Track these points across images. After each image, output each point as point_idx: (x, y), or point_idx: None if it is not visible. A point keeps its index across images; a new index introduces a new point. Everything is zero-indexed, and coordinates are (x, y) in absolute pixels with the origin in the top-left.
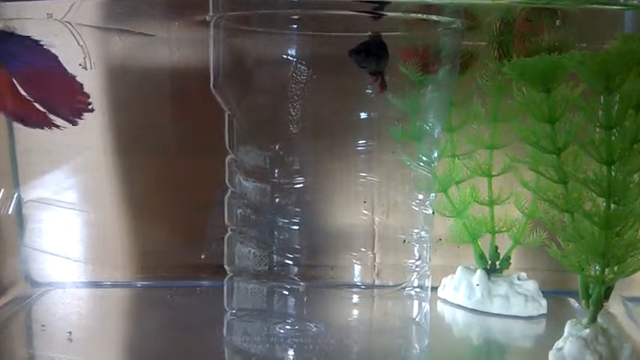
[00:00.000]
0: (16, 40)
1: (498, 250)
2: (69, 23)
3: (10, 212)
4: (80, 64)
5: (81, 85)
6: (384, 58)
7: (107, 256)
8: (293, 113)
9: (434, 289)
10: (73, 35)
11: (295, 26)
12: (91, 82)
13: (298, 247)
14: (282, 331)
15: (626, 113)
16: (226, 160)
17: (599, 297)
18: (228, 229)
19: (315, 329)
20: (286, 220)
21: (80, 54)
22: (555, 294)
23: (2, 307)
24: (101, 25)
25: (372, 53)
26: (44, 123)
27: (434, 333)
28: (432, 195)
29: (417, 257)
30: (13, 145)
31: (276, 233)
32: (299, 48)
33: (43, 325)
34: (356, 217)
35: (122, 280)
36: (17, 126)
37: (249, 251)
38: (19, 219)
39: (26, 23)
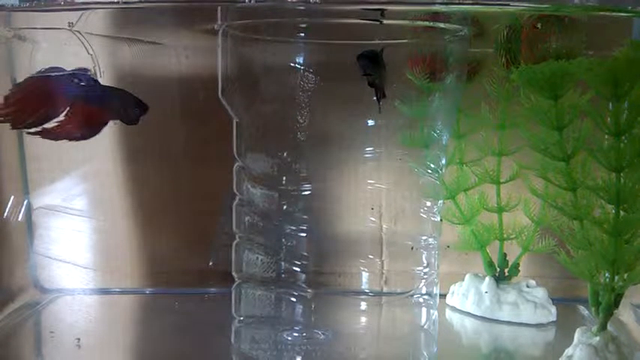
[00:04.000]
0: None
1: (507, 258)
2: (78, 32)
3: (19, 219)
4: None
5: None
6: (379, 66)
7: (116, 262)
8: (300, 121)
9: (442, 296)
10: (83, 44)
11: (303, 34)
12: None
13: (306, 254)
14: (289, 338)
15: (635, 120)
16: (234, 167)
17: (608, 304)
18: (236, 236)
19: (322, 336)
20: (294, 227)
21: (90, 63)
22: (565, 301)
23: (11, 313)
24: (110, 34)
25: (368, 59)
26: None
27: (442, 340)
28: (440, 202)
29: (425, 264)
30: (23, 152)
31: (283, 240)
32: (306, 56)
33: (52, 332)
34: (364, 224)
35: (130, 286)
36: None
37: (257, 258)
38: (29, 226)
39: (36, 32)
